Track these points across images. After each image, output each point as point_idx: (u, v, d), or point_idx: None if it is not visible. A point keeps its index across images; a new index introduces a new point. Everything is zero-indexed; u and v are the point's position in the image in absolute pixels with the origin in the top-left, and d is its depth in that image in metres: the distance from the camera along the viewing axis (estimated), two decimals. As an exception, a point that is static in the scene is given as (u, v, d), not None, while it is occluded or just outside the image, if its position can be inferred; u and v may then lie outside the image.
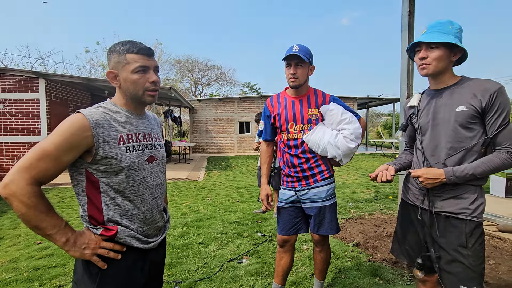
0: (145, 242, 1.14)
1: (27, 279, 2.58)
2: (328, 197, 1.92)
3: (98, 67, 20.45)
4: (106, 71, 1.12)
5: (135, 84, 1.09)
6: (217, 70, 29.22)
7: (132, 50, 1.08)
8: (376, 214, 4.36)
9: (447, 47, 1.31)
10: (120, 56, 1.08)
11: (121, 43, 1.10)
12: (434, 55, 1.32)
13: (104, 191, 1.05)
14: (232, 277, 2.57)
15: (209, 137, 15.67)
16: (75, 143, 0.96)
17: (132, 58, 1.08)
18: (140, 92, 1.11)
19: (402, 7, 3.51)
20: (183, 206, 5.08)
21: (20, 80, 7.59)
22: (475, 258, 1.30)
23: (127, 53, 1.08)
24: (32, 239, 3.56)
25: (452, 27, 1.33)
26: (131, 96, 1.11)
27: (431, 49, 1.33)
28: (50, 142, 0.94)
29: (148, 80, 1.10)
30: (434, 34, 1.32)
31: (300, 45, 1.80)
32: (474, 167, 1.28)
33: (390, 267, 2.69)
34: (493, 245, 3.11)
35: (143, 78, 1.10)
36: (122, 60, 1.08)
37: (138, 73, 1.09)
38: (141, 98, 1.12)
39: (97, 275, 1.04)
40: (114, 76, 1.11)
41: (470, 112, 1.29)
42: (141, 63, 1.08)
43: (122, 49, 1.09)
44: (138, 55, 1.08)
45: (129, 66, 1.08)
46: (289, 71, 1.82)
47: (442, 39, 1.29)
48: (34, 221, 0.93)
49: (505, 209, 4.12)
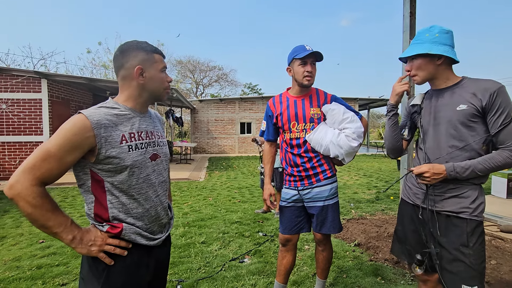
0: (150, 239, 1.15)
1: (30, 277, 2.60)
2: (330, 196, 1.93)
3: (100, 68, 20.48)
4: (137, 67, 1.11)
5: (161, 82, 1.18)
6: (218, 71, 29.28)
7: (157, 51, 1.18)
8: (378, 215, 4.37)
9: (424, 56, 1.38)
10: (149, 54, 1.15)
11: (143, 42, 1.16)
12: (415, 65, 1.42)
13: (109, 190, 1.06)
14: (234, 276, 2.58)
15: (210, 138, 15.69)
16: (77, 144, 0.97)
17: (159, 58, 1.17)
18: (161, 89, 1.20)
19: (403, 8, 3.52)
20: (184, 206, 5.10)
21: (22, 80, 7.63)
22: (476, 257, 1.31)
23: (154, 53, 1.16)
24: (34, 237, 3.58)
25: (430, 33, 1.38)
26: (153, 92, 1.18)
27: (412, 61, 1.43)
28: (53, 143, 0.96)
29: (167, 80, 1.22)
30: (410, 48, 1.43)
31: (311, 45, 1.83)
32: (475, 163, 1.29)
33: (391, 267, 2.69)
34: (494, 246, 3.11)
35: (165, 77, 1.21)
36: (151, 58, 1.15)
37: (163, 73, 1.20)
38: (161, 94, 1.21)
39: (103, 271, 1.05)
40: (141, 72, 1.13)
41: (470, 110, 1.30)
42: (164, 64, 1.21)
43: (148, 48, 1.15)
44: (161, 57, 1.19)
45: (157, 65, 1.16)
46: (306, 68, 1.82)
47: (414, 52, 1.38)
48: (41, 220, 0.94)
49: (506, 209, 4.11)
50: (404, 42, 3.48)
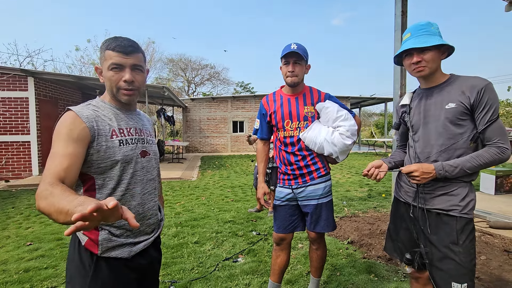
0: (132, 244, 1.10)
1: (17, 281, 2.52)
2: (324, 195, 1.92)
3: (89, 66, 20.11)
4: (95, 67, 1.14)
5: (109, 81, 1.09)
6: (210, 69, 29.10)
7: (110, 46, 1.07)
8: (370, 212, 4.41)
9: (437, 48, 1.35)
10: (102, 52, 1.10)
11: (106, 40, 1.11)
12: (427, 57, 1.34)
13: (99, 189, 1.05)
14: (227, 276, 2.56)
15: (202, 137, 15.59)
16: (76, 135, 0.97)
17: (109, 55, 1.07)
18: (114, 90, 1.10)
19: (395, 7, 3.55)
20: (177, 206, 5.04)
21: (8, 78, 7.41)
22: (466, 255, 1.32)
23: (106, 49, 1.08)
24: (21, 240, 3.48)
25: (434, 27, 1.37)
26: (109, 93, 1.13)
27: (423, 52, 1.35)
28: (55, 145, 0.97)
29: (122, 79, 1.08)
30: (425, 38, 1.34)
31: (298, 44, 1.81)
32: (464, 161, 1.30)
33: (384, 264, 2.71)
34: (484, 241, 3.17)
35: (117, 76, 1.07)
36: (102, 56, 1.09)
37: (112, 70, 1.07)
38: (116, 95, 1.11)
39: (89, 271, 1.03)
40: (99, 72, 1.12)
41: (459, 109, 1.31)
42: (114, 60, 1.06)
43: (104, 45, 1.09)
44: (114, 52, 1.06)
45: (106, 62, 1.08)
46: (288, 68, 1.81)
47: (433, 42, 1.32)
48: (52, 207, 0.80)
49: (495, 206, 4.20)
50: (395, 41, 3.50)
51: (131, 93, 1.11)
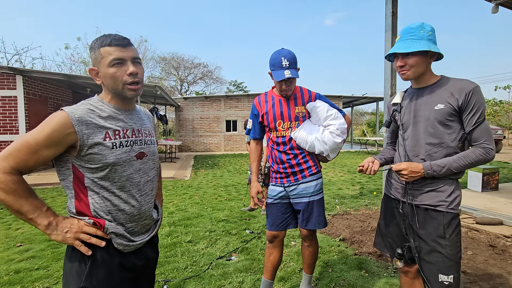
0: (130, 240, 1.12)
1: (7, 282, 2.49)
2: (316, 192, 1.96)
3: (79, 64, 19.80)
4: (89, 69, 1.09)
5: (113, 79, 1.04)
6: (203, 68, 28.98)
7: (105, 43, 1.03)
8: (361, 210, 4.48)
9: (422, 53, 1.36)
10: (96, 51, 1.05)
11: (97, 38, 1.07)
12: (411, 62, 1.37)
13: (89, 186, 1.04)
14: (221, 274, 2.57)
15: (195, 136, 15.52)
16: (55, 140, 0.96)
17: (106, 51, 1.03)
18: (120, 87, 1.06)
19: (385, 8, 3.61)
20: (170, 205, 5.03)
21: (-5, 76, 7.26)
22: (452, 248, 1.37)
23: (100, 47, 1.04)
24: (11, 241, 3.43)
25: (424, 30, 1.37)
26: (113, 91, 1.09)
27: (407, 57, 1.38)
28: (32, 136, 0.96)
29: (126, 73, 1.05)
30: (408, 43, 1.36)
31: (289, 56, 1.78)
32: (451, 161, 1.35)
33: (375, 260, 2.77)
34: (470, 237, 3.26)
35: (121, 70, 1.04)
36: (98, 56, 1.05)
37: (114, 67, 1.04)
38: (122, 93, 1.07)
39: (85, 270, 1.03)
40: (95, 73, 1.09)
41: (448, 110, 1.36)
42: (115, 55, 1.03)
43: (96, 44, 1.05)
44: (112, 47, 1.03)
45: (104, 60, 1.03)
46: (281, 85, 1.83)
47: (416, 48, 1.34)
48: (15, 206, 0.95)
49: (481, 202, 4.31)
50: (386, 41, 3.56)
51: (137, 87, 1.09)
